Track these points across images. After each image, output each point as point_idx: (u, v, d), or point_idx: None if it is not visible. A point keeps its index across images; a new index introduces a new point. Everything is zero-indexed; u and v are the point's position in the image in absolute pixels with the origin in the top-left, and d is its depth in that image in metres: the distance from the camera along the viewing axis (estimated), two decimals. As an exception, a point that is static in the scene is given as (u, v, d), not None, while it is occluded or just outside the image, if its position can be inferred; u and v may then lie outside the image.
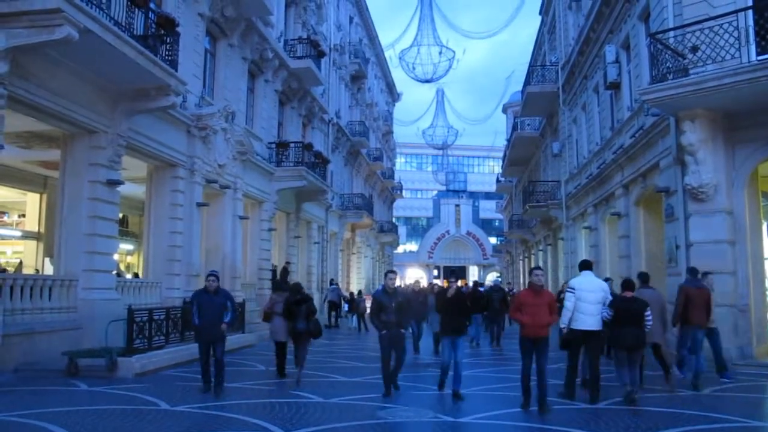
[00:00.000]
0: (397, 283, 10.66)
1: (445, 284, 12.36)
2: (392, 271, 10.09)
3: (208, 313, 9.48)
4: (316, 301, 28.97)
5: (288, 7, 25.94)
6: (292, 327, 10.96)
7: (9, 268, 18.23)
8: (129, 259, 25.89)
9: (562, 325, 8.80)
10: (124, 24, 11.27)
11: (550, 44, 32.70)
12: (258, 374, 11.85)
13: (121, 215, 16.71)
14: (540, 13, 35.02)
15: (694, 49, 11.84)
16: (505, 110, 52.71)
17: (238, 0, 18.92)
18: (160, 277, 15.91)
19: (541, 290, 8.54)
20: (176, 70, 13.05)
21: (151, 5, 13.12)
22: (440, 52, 32.00)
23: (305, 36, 26.02)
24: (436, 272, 73.68)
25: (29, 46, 9.61)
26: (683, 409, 8.45)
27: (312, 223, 29.95)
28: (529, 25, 71.54)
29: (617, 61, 18.37)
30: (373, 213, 42.54)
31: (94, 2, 10.34)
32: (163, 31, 12.91)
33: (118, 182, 13.29)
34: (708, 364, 10.74)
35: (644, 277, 10.83)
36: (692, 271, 10.98)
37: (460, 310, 9.53)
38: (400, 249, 70.72)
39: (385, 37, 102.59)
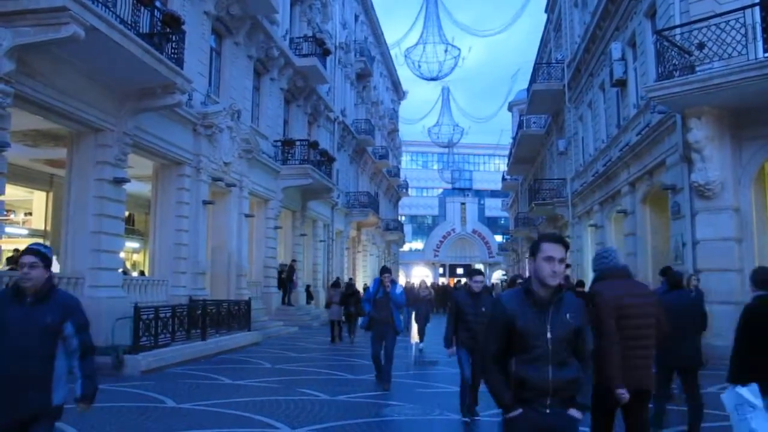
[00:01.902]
0: (402, 281, 10.46)
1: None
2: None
3: (13, 353, 3.71)
4: (322, 299, 29.10)
5: (293, 5, 25.95)
6: (347, 309, 17.74)
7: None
8: (135, 257, 25.97)
9: None
10: (130, 22, 11.29)
11: (555, 42, 32.60)
12: (264, 372, 11.87)
13: (127, 213, 16.78)
14: (545, 11, 34.92)
15: (701, 46, 11.79)
16: (510, 108, 52.58)
17: (243, -2, 18.97)
18: (166, 275, 15.94)
19: None
20: (182, 69, 13.06)
21: (157, 3, 13.13)
22: (446, 50, 31.97)
23: (311, 34, 26.03)
24: (441, 270, 73.63)
25: (35, 45, 9.63)
26: (684, 406, 8.41)
27: (318, 222, 29.97)
28: (526, 22, 71.56)
29: (623, 58, 18.31)
30: (379, 211, 42.51)
31: (100, 0, 10.36)
32: (168, 30, 12.93)
33: (125, 180, 13.32)
34: None
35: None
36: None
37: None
38: (406, 247, 70.68)
39: (390, 35, 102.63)
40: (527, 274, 5.47)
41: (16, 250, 18.03)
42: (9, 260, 16.98)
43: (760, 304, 5.15)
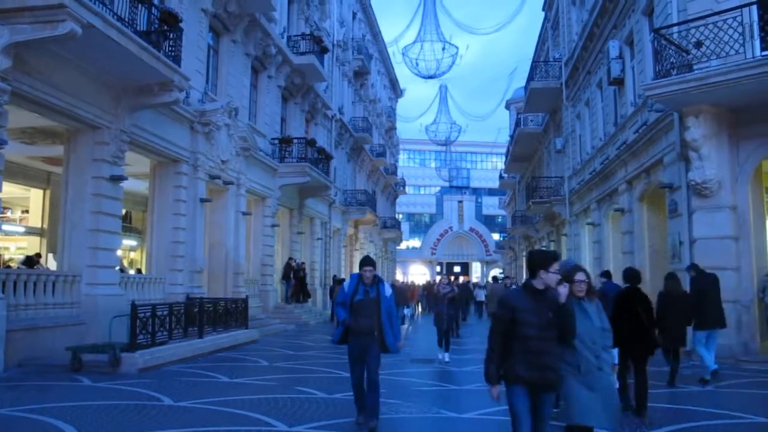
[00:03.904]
0: (400, 278, 9.82)
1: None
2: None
3: None
4: (320, 296, 29.12)
5: (291, 2, 25.92)
6: None
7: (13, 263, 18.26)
8: (132, 255, 25.92)
9: None
10: (127, 19, 11.27)
11: (553, 40, 32.62)
12: (261, 370, 11.86)
13: (124, 211, 16.75)
14: (543, 9, 34.94)
15: (699, 44, 11.80)
16: (508, 106, 52.63)
17: (241, -4, 18.93)
18: (163, 272, 15.93)
19: None
20: (179, 66, 13.05)
21: (155, 1, 13.11)
22: (443, 48, 32.01)
23: (308, 32, 26.03)
24: (439, 268, 73.71)
25: (32, 42, 9.62)
26: (685, 404, 8.44)
27: (315, 219, 29.96)
28: (523, 20, 71.89)
29: (621, 56, 18.31)
30: (376, 209, 42.51)
31: (97, -2, 10.34)
32: (166, 27, 12.91)
33: (122, 178, 13.30)
34: None
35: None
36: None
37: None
38: (403, 245, 70.74)
39: (388, 33, 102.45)
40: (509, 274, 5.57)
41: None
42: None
43: (626, 291, 8.06)
